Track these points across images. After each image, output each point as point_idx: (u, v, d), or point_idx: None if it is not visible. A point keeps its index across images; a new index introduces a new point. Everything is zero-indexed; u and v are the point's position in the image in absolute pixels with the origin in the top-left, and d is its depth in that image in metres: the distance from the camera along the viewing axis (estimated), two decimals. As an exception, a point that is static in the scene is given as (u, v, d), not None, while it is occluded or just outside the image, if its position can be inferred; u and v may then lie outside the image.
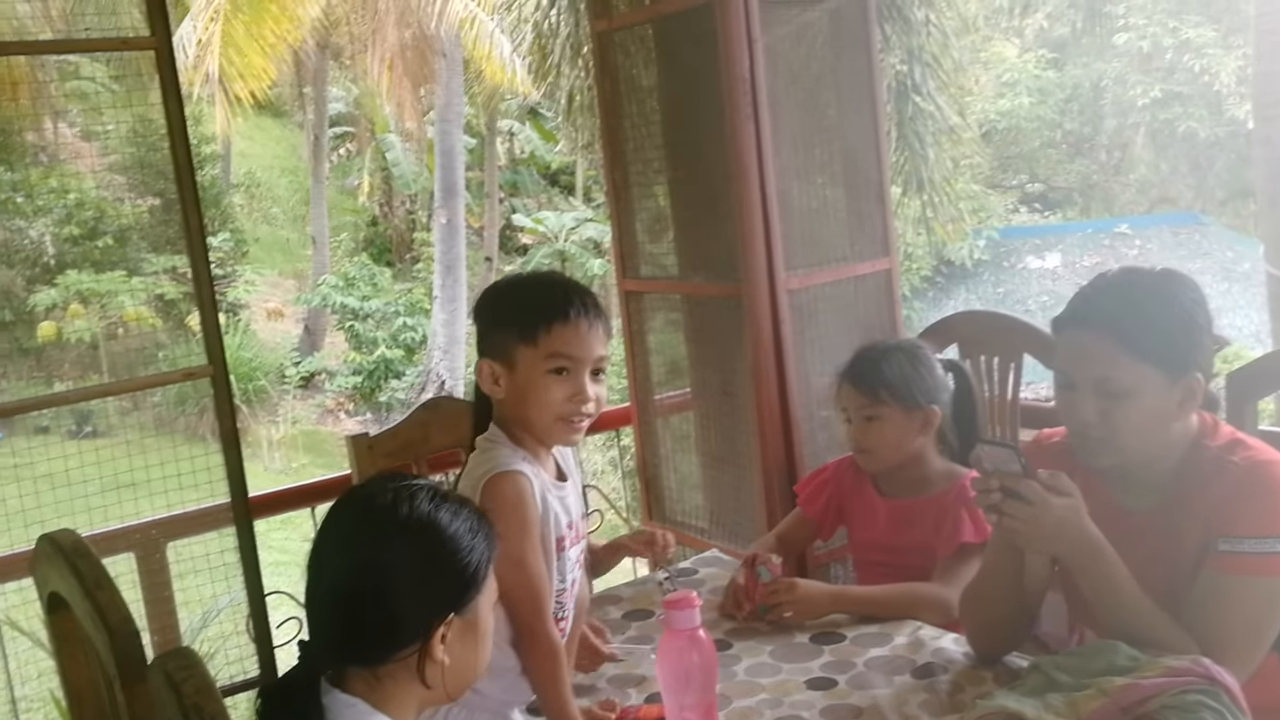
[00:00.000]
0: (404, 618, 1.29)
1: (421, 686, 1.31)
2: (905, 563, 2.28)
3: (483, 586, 1.34)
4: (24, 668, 2.88)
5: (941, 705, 1.81)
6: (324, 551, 1.31)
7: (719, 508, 3.23)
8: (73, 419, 12.50)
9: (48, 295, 12.98)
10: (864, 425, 2.33)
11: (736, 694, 1.92)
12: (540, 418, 1.80)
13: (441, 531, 1.30)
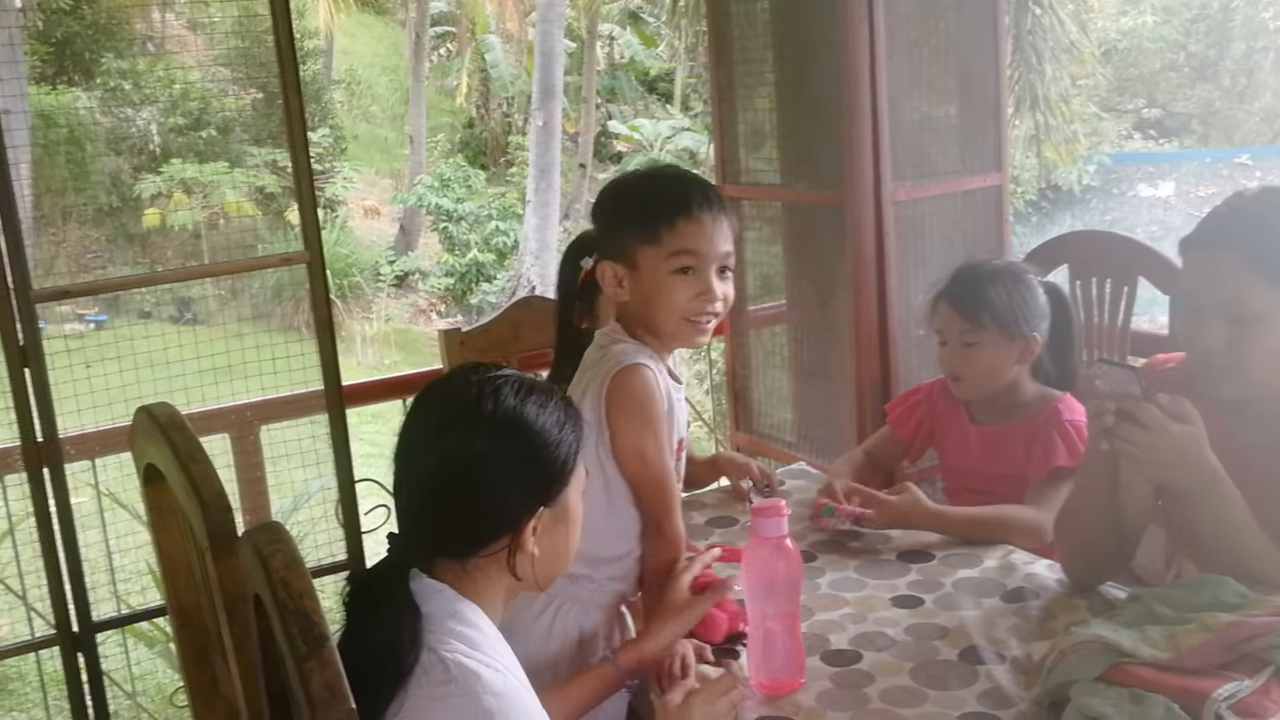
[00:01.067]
0: (493, 513, 1.28)
1: (511, 578, 1.31)
2: (997, 490, 2.22)
3: (571, 478, 1.33)
4: (121, 539, 2.96)
5: (1032, 631, 1.76)
6: (411, 444, 1.30)
7: (807, 423, 3.18)
8: (174, 305, 12.83)
9: (153, 183, 13.24)
10: (961, 351, 2.25)
11: (819, 607, 1.89)
12: (666, 320, 1.75)
13: (529, 425, 1.28)
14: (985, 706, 1.57)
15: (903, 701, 1.60)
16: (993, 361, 2.23)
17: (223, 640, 1.49)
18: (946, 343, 2.28)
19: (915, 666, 1.69)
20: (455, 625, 1.23)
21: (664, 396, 1.75)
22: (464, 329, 2.76)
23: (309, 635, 1.01)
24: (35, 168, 11.85)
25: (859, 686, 1.65)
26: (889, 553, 2.08)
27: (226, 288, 13.22)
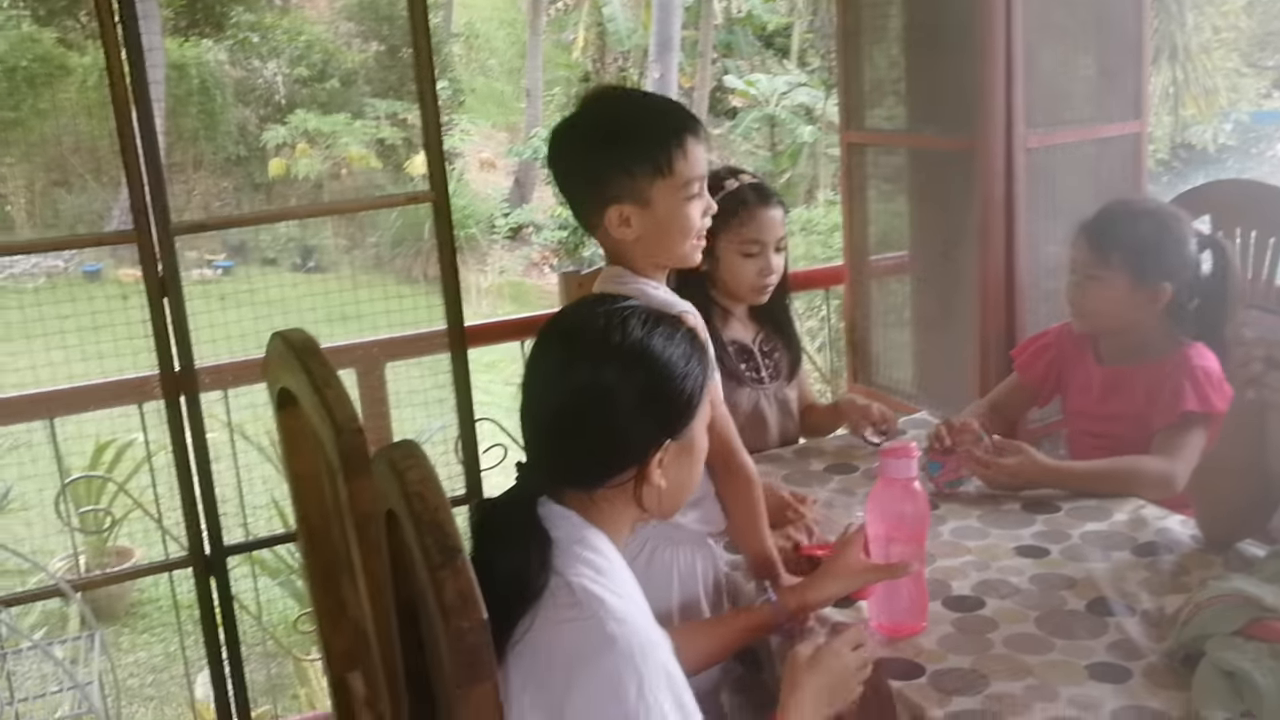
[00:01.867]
0: (620, 445, 1.28)
1: (636, 509, 1.31)
2: (1117, 432, 2.16)
3: (698, 411, 1.32)
4: (249, 474, 3.06)
5: (1164, 585, 1.71)
6: (538, 375, 1.30)
7: (928, 375, 3.13)
8: (297, 253, 13.15)
9: (277, 133, 13.56)
10: (1083, 283, 2.19)
11: (941, 553, 1.86)
12: (681, 246, 1.74)
13: (657, 358, 1.28)
14: (1115, 657, 1.54)
15: (1027, 648, 1.57)
16: (1113, 301, 2.16)
17: (351, 561, 1.53)
18: (1073, 274, 2.22)
19: (1041, 615, 1.65)
20: (582, 551, 1.24)
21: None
22: (583, 271, 2.77)
23: (443, 546, 1.03)
24: (169, 117, 12.23)
25: (982, 632, 1.62)
26: (1012, 503, 2.04)
27: (347, 237, 13.53)
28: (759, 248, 2.31)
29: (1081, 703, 1.44)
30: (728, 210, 2.26)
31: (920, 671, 1.53)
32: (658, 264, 1.77)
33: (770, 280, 2.34)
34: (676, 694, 1.18)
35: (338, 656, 1.81)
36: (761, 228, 2.31)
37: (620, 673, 1.14)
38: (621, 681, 1.14)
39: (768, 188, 2.39)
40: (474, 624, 1.01)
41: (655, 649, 1.18)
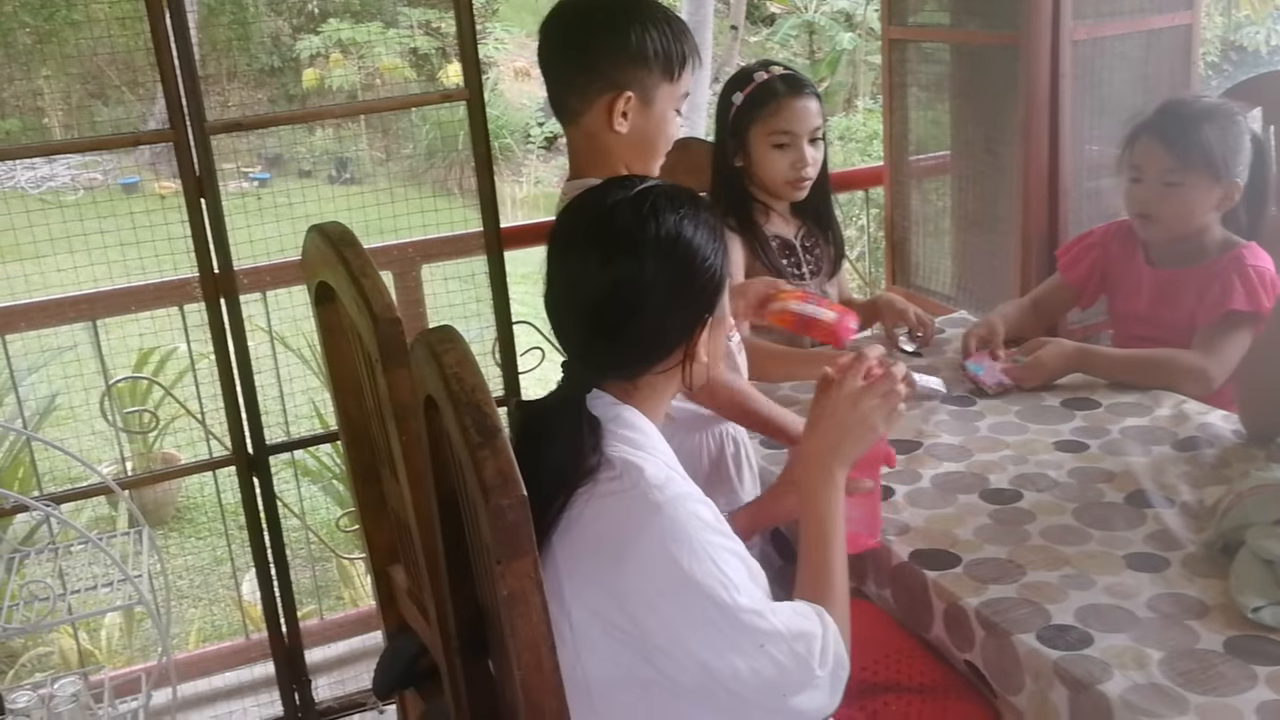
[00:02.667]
0: (667, 332, 1.28)
1: (676, 385, 1.32)
2: (1167, 338, 2.12)
3: (726, 283, 1.32)
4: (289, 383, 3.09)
5: (1204, 477, 1.70)
6: (574, 270, 1.27)
7: (968, 275, 3.09)
8: (332, 165, 13.14)
9: (311, 43, 13.44)
10: (1161, 190, 2.10)
11: (978, 449, 1.86)
12: (659, 158, 1.77)
13: (689, 244, 1.26)
14: (1152, 548, 1.53)
15: (1065, 539, 1.57)
16: (1193, 204, 2.10)
17: (391, 454, 1.54)
18: (1142, 180, 2.13)
19: (1078, 507, 1.65)
20: (618, 429, 1.25)
21: None
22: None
23: (482, 426, 1.04)
24: (201, 29, 12.14)
25: (1019, 524, 1.62)
26: (1052, 399, 2.02)
27: (382, 149, 13.47)
28: (790, 139, 2.29)
29: (1118, 591, 1.44)
30: (758, 101, 2.29)
31: (956, 562, 1.54)
32: (643, 167, 1.75)
33: (806, 173, 2.32)
34: (725, 542, 1.20)
35: (379, 550, 1.85)
36: (792, 118, 2.29)
37: (671, 535, 1.16)
38: (673, 543, 1.16)
39: (800, 77, 2.35)
40: (514, 501, 1.02)
41: (698, 505, 1.20)
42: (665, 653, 1.18)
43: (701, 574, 1.16)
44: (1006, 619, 1.40)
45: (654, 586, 1.16)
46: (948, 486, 1.74)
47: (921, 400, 2.04)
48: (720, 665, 1.18)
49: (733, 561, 1.20)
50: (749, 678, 1.19)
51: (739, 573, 1.20)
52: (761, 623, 1.19)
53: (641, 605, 1.16)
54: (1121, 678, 1.27)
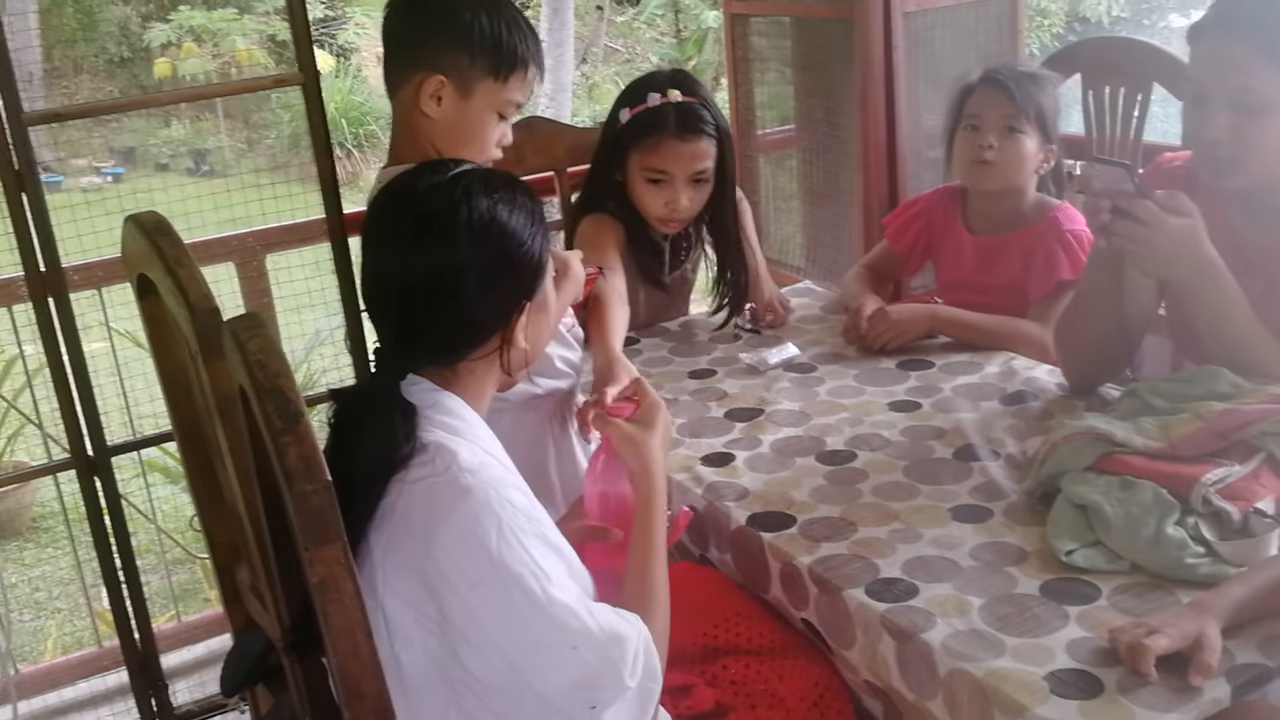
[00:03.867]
0: (483, 318, 1.27)
1: (498, 372, 1.31)
2: (993, 303, 2.19)
3: (548, 266, 1.31)
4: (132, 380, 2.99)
5: (1028, 429, 1.77)
6: (386, 257, 1.26)
7: (817, 246, 3.15)
8: (190, 158, 12.74)
9: (161, 32, 12.99)
10: (1004, 135, 2.14)
11: (817, 412, 1.90)
12: (469, 155, 1.65)
13: (504, 229, 1.25)
14: (977, 499, 1.59)
15: (894, 496, 1.62)
16: (1026, 155, 2.15)
17: (220, 447, 1.51)
18: (981, 127, 2.16)
19: (909, 464, 1.70)
20: (435, 415, 1.23)
21: None
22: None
23: (285, 412, 1.02)
24: (43, 17, 11.64)
25: (852, 483, 1.66)
26: (889, 361, 2.08)
27: (243, 140, 13.11)
28: (665, 177, 2.10)
29: (944, 543, 1.49)
30: (641, 129, 2.09)
31: (791, 523, 1.57)
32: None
33: (679, 215, 2.13)
34: (540, 531, 1.18)
35: (221, 548, 1.80)
36: (671, 159, 2.08)
37: (479, 519, 1.14)
38: (481, 527, 1.14)
39: (696, 115, 2.09)
40: (318, 487, 1.00)
41: (512, 491, 1.18)
42: (472, 646, 1.15)
43: (512, 561, 1.14)
44: (838, 575, 1.44)
45: (460, 573, 1.14)
46: (786, 451, 1.78)
47: (774, 369, 2.08)
48: (527, 663, 1.15)
49: (548, 554, 1.18)
50: (557, 680, 1.16)
51: (554, 566, 1.18)
52: (574, 621, 1.15)
53: (448, 593, 1.14)
54: (944, 625, 1.32)
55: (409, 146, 1.76)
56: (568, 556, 1.22)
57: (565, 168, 2.61)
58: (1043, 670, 1.23)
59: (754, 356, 2.11)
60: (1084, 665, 1.23)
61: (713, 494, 1.67)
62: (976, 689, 1.23)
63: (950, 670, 1.26)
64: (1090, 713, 1.16)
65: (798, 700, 1.45)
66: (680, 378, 2.10)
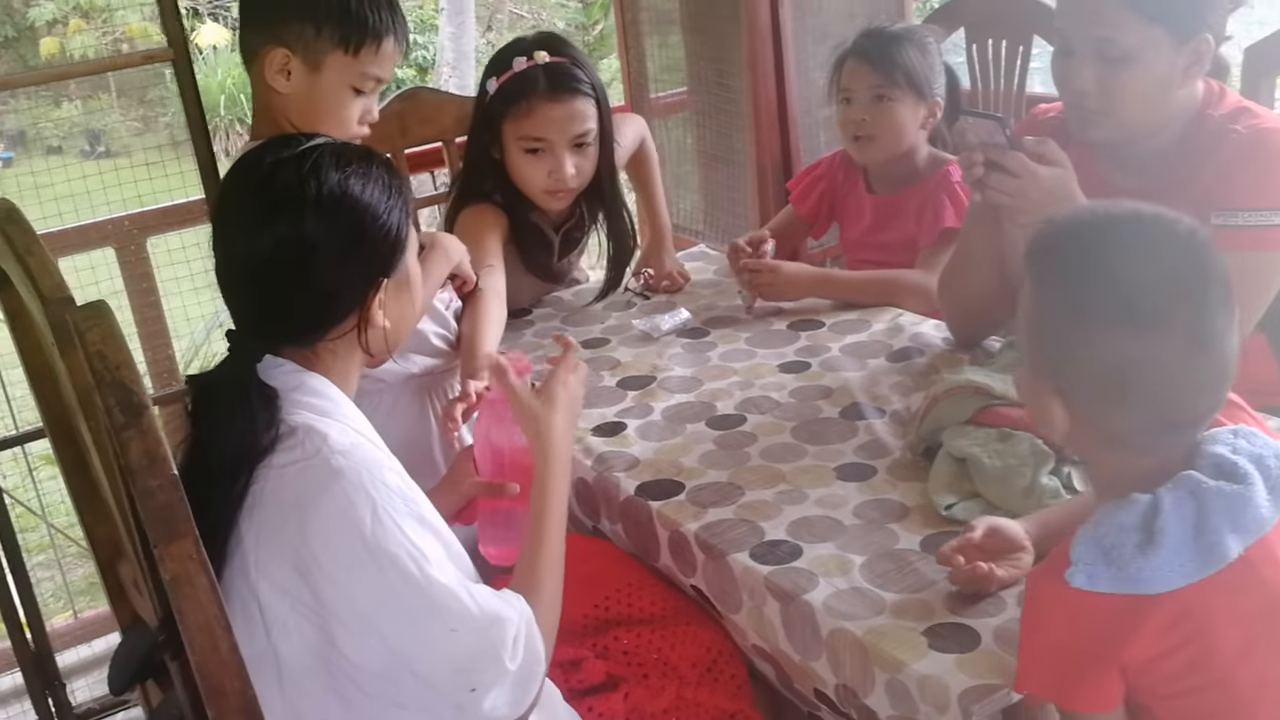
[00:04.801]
0: (335, 296, 1.22)
1: (362, 353, 1.27)
2: (891, 260, 2.20)
3: (407, 243, 1.28)
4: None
5: (914, 385, 1.78)
6: (234, 235, 1.22)
7: (713, 209, 3.14)
8: (84, 139, 12.37)
9: (46, 9, 12.56)
10: (874, 106, 2.15)
11: (708, 377, 1.90)
12: (338, 132, 1.64)
13: (358, 200, 1.21)
14: (862, 457, 1.60)
15: (781, 457, 1.62)
16: (903, 120, 2.16)
17: (88, 441, 1.46)
18: (853, 100, 2.17)
19: (796, 425, 1.70)
20: (302, 396, 1.20)
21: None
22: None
23: (127, 405, 0.98)
24: (-84, -1, 11.16)
25: (741, 446, 1.66)
26: (780, 322, 2.08)
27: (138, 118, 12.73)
28: (545, 145, 1.99)
29: (828, 502, 1.49)
30: (511, 95, 2.00)
31: (680, 489, 1.57)
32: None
33: (565, 185, 2.03)
34: (417, 512, 1.16)
35: (102, 544, 1.75)
36: (547, 124, 1.98)
37: (352, 500, 1.12)
38: (354, 509, 1.11)
39: (567, 73, 1.99)
40: (163, 482, 0.97)
41: (386, 472, 1.16)
42: (349, 630, 1.13)
43: (387, 542, 1.12)
44: (723, 540, 1.44)
45: (334, 556, 1.11)
46: (677, 417, 1.77)
47: (668, 335, 2.06)
48: (405, 645, 1.13)
49: (425, 535, 1.16)
50: (435, 662, 1.14)
51: (432, 547, 1.15)
52: (453, 602, 1.14)
53: (322, 577, 1.12)
54: (826, 585, 1.32)
55: (266, 123, 1.71)
56: (445, 538, 1.20)
57: (453, 138, 2.56)
58: (921, 625, 1.24)
59: (647, 323, 2.10)
60: (962, 618, 1.24)
61: (603, 465, 1.65)
62: (857, 647, 1.24)
63: (832, 630, 1.27)
64: (967, 666, 1.17)
65: (690, 667, 1.45)
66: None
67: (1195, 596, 1.00)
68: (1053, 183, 1.56)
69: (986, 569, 1.26)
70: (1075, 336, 1.05)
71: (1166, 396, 1.04)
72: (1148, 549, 1.01)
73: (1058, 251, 1.09)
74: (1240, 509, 1.00)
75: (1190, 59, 1.61)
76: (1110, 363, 1.03)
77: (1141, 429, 1.05)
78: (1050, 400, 1.07)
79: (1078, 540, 1.04)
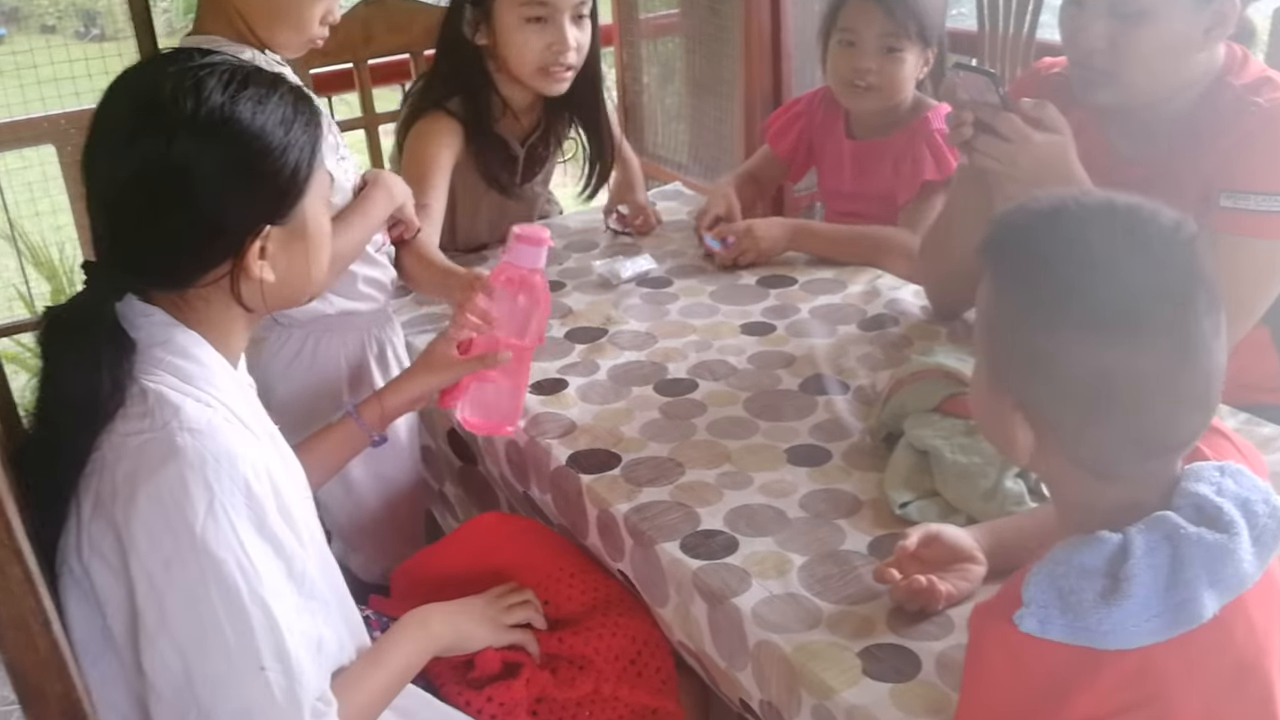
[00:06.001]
0: (205, 235, 1.06)
1: (240, 308, 1.11)
2: (869, 212, 2.05)
3: (307, 187, 1.11)
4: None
5: (884, 359, 1.64)
6: (99, 154, 1.06)
7: (700, 141, 2.98)
8: (79, 19, 12.06)
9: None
10: (883, 57, 1.97)
11: (664, 334, 1.76)
12: (294, 20, 1.52)
13: (242, 126, 1.04)
14: (817, 439, 1.46)
15: (729, 433, 1.48)
16: (908, 73, 1.99)
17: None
18: (858, 45, 1.98)
19: (751, 396, 1.57)
20: (165, 355, 1.05)
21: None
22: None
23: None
24: None
25: (688, 417, 1.53)
26: (749, 277, 1.93)
27: (134, 1, 12.40)
28: (547, 12, 1.84)
29: (775, 489, 1.36)
30: None
31: (616, 462, 1.43)
32: (260, 37, 1.53)
33: (565, 59, 1.87)
34: (259, 517, 1.01)
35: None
36: None
37: (186, 487, 0.97)
38: (188, 497, 0.97)
39: None
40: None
41: (237, 463, 1.00)
42: (148, 635, 0.98)
43: (216, 544, 0.97)
44: (654, 526, 1.31)
45: (154, 545, 0.97)
46: (624, 378, 1.64)
47: (628, 283, 1.92)
48: (202, 669, 0.97)
49: (264, 549, 1.00)
50: (229, 700, 0.98)
51: (269, 565, 1.00)
52: (271, 635, 0.98)
53: (138, 567, 0.97)
54: (759, 588, 1.20)
55: (213, 16, 1.54)
56: (290, 556, 1.04)
57: (422, 49, 2.39)
58: (857, 644, 1.11)
59: (607, 268, 1.96)
60: (903, 639, 1.12)
61: (536, 428, 1.52)
62: (785, 665, 1.12)
63: (759, 642, 1.14)
64: (902, 698, 1.05)
65: (612, 660, 1.32)
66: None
67: (1157, 654, 0.88)
68: (1047, 150, 1.41)
69: (925, 582, 1.13)
70: (1039, 344, 0.91)
71: (1143, 416, 0.90)
72: (1111, 598, 0.87)
73: (1021, 245, 0.94)
74: (1221, 562, 0.87)
75: (1213, 19, 1.44)
76: (1079, 376, 0.89)
77: (1114, 454, 0.92)
78: (1010, 417, 0.93)
79: (1032, 578, 0.91)
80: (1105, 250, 0.90)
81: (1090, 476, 0.94)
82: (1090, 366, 0.89)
